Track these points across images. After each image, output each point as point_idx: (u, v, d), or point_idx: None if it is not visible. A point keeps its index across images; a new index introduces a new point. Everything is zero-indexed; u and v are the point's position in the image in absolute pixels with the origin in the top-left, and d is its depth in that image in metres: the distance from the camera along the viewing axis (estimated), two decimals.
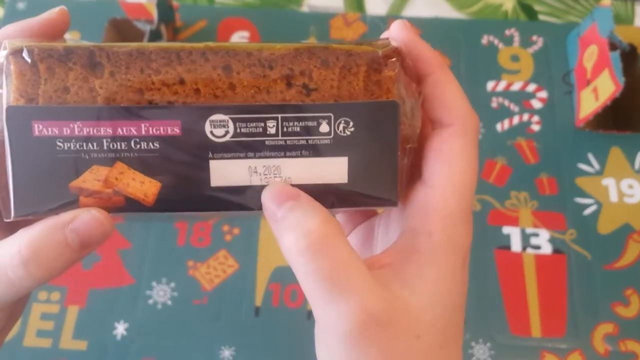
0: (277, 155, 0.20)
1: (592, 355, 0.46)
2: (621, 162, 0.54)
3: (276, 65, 0.20)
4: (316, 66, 0.20)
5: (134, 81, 0.19)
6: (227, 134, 0.20)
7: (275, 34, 0.60)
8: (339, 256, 0.18)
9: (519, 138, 0.55)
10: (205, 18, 0.61)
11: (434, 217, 0.19)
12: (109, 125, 0.19)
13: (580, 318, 0.47)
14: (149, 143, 0.19)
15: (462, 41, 0.60)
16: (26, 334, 0.46)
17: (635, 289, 0.48)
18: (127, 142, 0.19)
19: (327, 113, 0.20)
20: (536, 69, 0.58)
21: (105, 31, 0.59)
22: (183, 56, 0.19)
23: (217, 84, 0.19)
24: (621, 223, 0.51)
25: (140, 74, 0.19)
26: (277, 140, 0.20)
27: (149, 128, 0.19)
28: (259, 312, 0.48)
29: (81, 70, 0.19)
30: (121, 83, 0.19)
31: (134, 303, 0.48)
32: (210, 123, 0.19)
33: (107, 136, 0.19)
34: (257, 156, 0.20)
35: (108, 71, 0.19)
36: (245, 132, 0.20)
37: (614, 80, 0.49)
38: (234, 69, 0.19)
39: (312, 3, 0.65)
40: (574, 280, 0.49)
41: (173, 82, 0.19)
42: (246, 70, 0.19)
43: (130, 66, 0.19)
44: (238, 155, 0.20)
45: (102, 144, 0.19)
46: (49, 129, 0.19)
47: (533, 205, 0.52)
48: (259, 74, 0.20)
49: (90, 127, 0.19)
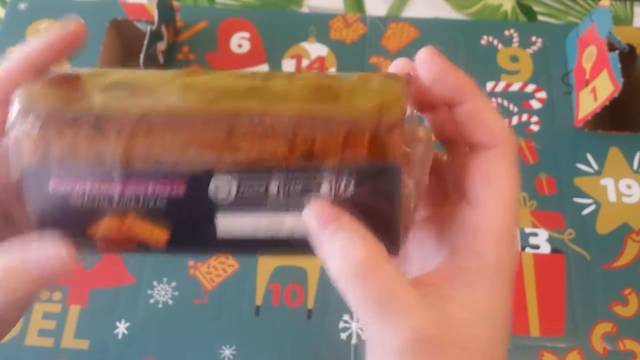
0: (279, 211, 0.20)
1: (591, 355, 0.46)
2: (620, 162, 0.54)
3: (279, 130, 0.20)
4: (319, 133, 0.20)
5: (139, 143, 0.20)
6: (231, 193, 0.20)
7: (275, 34, 0.61)
8: (387, 279, 0.18)
9: (518, 138, 0.55)
10: (206, 19, 0.61)
11: (485, 237, 0.20)
12: (118, 184, 0.20)
13: (578, 317, 0.48)
14: (156, 201, 0.20)
15: (462, 42, 0.60)
16: (28, 333, 0.47)
17: (634, 289, 0.49)
18: (135, 199, 0.20)
19: (328, 175, 0.20)
20: (535, 69, 0.58)
21: (106, 32, 0.59)
22: (187, 122, 0.20)
23: (221, 146, 0.20)
24: (620, 223, 0.51)
25: (145, 137, 0.20)
26: (279, 198, 0.20)
27: (155, 187, 0.20)
28: (259, 312, 0.48)
29: (88, 133, 0.20)
30: (127, 145, 0.20)
31: (135, 302, 0.48)
32: (214, 183, 0.20)
33: (117, 193, 0.20)
34: (261, 213, 0.20)
35: (114, 134, 0.20)
36: (248, 191, 0.20)
37: (613, 80, 0.49)
38: (238, 133, 0.20)
39: (312, 4, 0.65)
40: (573, 280, 0.49)
41: (178, 145, 0.20)
42: (249, 133, 0.20)
43: (135, 130, 0.20)
44: (242, 212, 0.20)
45: (112, 200, 0.20)
46: (63, 185, 0.20)
47: (532, 205, 0.52)
48: (262, 137, 0.20)
49: (100, 184, 0.20)
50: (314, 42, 0.60)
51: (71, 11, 0.62)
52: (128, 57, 0.64)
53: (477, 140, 0.21)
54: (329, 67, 0.59)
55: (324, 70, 0.59)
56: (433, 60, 0.21)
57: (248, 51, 0.60)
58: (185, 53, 0.60)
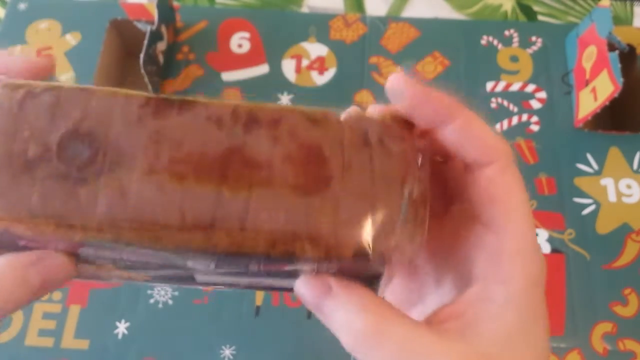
0: (260, 277, 0.19)
1: (591, 354, 0.46)
2: (620, 162, 0.54)
3: (261, 234, 0.17)
4: (303, 242, 0.17)
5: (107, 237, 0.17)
6: (209, 268, 0.18)
7: (275, 34, 0.61)
8: (400, 337, 0.17)
9: (518, 138, 0.55)
10: (206, 19, 0.61)
11: (510, 263, 0.19)
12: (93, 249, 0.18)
13: (578, 317, 0.48)
14: (131, 262, 0.18)
15: (462, 42, 0.60)
16: (28, 333, 0.47)
17: (634, 289, 0.49)
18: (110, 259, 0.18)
19: (310, 262, 0.18)
20: (535, 69, 0.58)
21: (106, 32, 0.59)
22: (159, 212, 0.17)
23: (198, 242, 0.17)
24: (620, 223, 0.51)
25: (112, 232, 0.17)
26: (259, 272, 0.19)
27: (127, 256, 0.18)
28: (259, 312, 0.48)
29: (52, 228, 0.17)
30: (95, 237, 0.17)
31: (135, 302, 0.48)
32: (192, 262, 0.18)
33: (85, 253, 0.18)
34: (241, 277, 0.19)
35: (79, 231, 0.17)
36: (227, 269, 0.18)
37: (613, 80, 0.49)
38: (217, 228, 0.17)
39: (312, 4, 0.65)
40: (573, 280, 0.49)
41: (150, 239, 0.17)
42: (230, 232, 0.17)
43: (103, 227, 0.17)
44: (222, 276, 0.19)
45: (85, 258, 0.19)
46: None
47: (532, 205, 0.52)
48: (243, 237, 0.17)
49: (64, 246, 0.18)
50: (314, 42, 0.60)
51: (71, 11, 0.62)
52: (128, 57, 0.64)
53: (474, 158, 0.19)
54: (329, 67, 0.59)
55: (324, 70, 0.59)
56: (405, 87, 0.19)
57: (248, 51, 0.60)
58: (185, 53, 0.60)
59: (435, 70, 0.58)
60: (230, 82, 0.58)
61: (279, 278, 0.19)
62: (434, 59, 0.59)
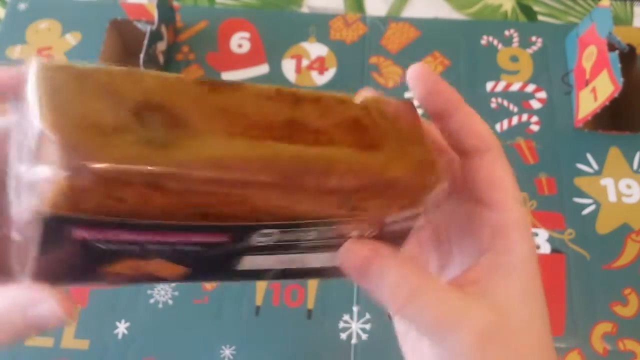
0: (306, 252, 0.21)
1: (591, 355, 0.46)
2: (620, 162, 0.54)
3: (334, 189, 0.19)
4: (367, 196, 0.19)
5: (196, 200, 0.17)
6: (270, 241, 0.19)
7: (275, 34, 0.61)
8: (440, 298, 0.20)
9: (518, 138, 0.55)
10: (206, 19, 0.61)
11: (512, 235, 0.22)
12: (159, 235, 0.18)
13: (578, 317, 0.48)
14: (191, 247, 0.19)
15: (462, 42, 0.60)
16: None
17: (634, 289, 0.49)
18: (170, 246, 0.18)
19: (362, 226, 0.20)
20: (535, 69, 0.58)
21: (106, 32, 0.59)
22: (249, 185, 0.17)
23: (275, 205, 0.18)
24: (620, 223, 0.51)
25: (205, 196, 0.17)
26: (311, 242, 0.20)
27: (200, 238, 0.18)
28: (259, 312, 0.48)
29: (142, 189, 0.16)
30: (181, 200, 0.17)
31: (135, 302, 0.48)
32: (259, 234, 0.19)
33: (152, 241, 0.18)
34: (287, 253, 0.20)
35: (170, 190, 0.17)
36: (286, 238, 0.20)
37: (613, 80, 0.49)
38: (302, 192, 0.18)
39: (312, 4, 0.65)
40: (573, 280, 0.49)
41: (232, 203, 0.18)
42: (312, 193, 0.18)
43: (195, 188, 0.17)
44: (272, 252, 0.20)
45: (143, 247, 0.18)
46: (93, 234, 0.17)
47: (532, 205, 0.52)
48: (317, 195, 0.19)
49: (138, 236, 0.18)
50: (314, 42, 0.60)
51: (71, 11, 0.62)
52: (128, 57, 0.64)
53: (471, 146, 0.23)
54: (329, 67, 0.59)
55: (324, 70, 0.59)
56: (425, 76, 0.22)
57: (248, 51, 0.60)
58: (185, 53, 0.60)
59: (435, 70, 0.58)
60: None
61: (324, 249, 0.20)
62: (434, 59, 0.59)
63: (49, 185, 0.15)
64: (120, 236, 0.17)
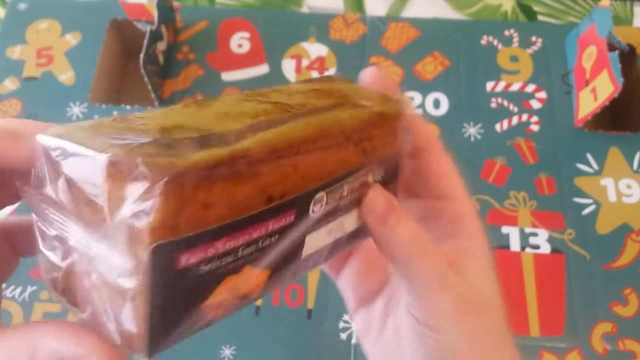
0: (344, 213, 0.22)
1: (591, 355, 0.46)
2: (620, 162, 0.54)
3: (353, 135, 0.21)
4: (373, 131, 0.22)
5: (264, 180, 0.18)
6: (322, 208, 0.20)
7: (275, 34, 0.61)
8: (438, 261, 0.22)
9: (518, 138, 0.55)
10: (206, 19, 0.61)
11: (469, 223, 0.24)
12: (246, 233, 0.18)
13: (578, 317, 0.48)
14: (271, 238, 0.19)
15: (462, 42, 0.60)
16: None
17: (634, 289, 0.49)
18: (255, 245, 0.18)
19: (374, 167, 0.22)
20: (535, 69, 0.58)
21: (106, 32, 0.59)
22: (295, 148, 0.19)
23: (316, 164, 0.19)
24: (620, 223, 0.51)
25: (267, 175, 0.18)
26: (345, 199, 0.21)
27: (274, 224, 0.19)
28: (259, 312, 0.48)
29: (222, 185, 0.16)
30: (251, 187, 0.17)
31: None
32: (314, 202, 0.20)
33: (242, 244, 0.18)
34: (334, 219, 0.21)
35: (242, 177, 0.17)
36: (332, 202, 0.21)
37: (613, 80, 0.49)
38: (330, 147, 0.20)
39: (312, 4, 0.65)
40: (573, 280, 0.49)
41: (287, 173, 0.18)
42: (336, 146, 0.20)
43: (263, 168, 0.18)
44: (324, 224, 0.21)
45: (237, 254, 0.18)
46: (196, 256, 0.16)
47: (532, 205, 0.52)
48: (344, 146, 0.21)
49: (230, 241, 0.17)
50: (314, 42, 0.60)
51: (71, 11, 0.62)
52: (128, 57, 0.64)
53: (419, 146, 0.24)
54: (329, 67, 0.59)
55: (324, 70, 0.59)
56: (376, 76, 0.24)
57: (248, 51, 0.60)
58: (185, 53, 0.60)
59: (435, 70, 0.58)
60: (230, 82, 0.58)
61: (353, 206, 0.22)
62: (434, 59, 0.59)
63: (145, 216, 0.15)
64: (218, 246, 0.17)
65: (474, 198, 0.52)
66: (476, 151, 0.54)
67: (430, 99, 0.57)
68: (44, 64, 0.59)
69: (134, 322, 0.16)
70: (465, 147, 0.54)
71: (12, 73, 0.59)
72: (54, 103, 0.57)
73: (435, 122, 0.56)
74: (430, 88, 0.58)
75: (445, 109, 0.56)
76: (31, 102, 0.57)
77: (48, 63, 0.59)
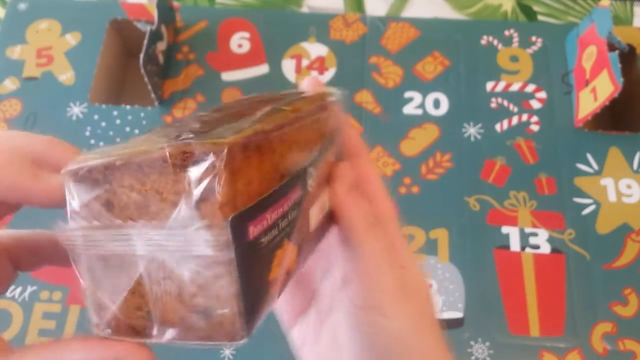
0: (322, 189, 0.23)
1: (591, 355, 0.46)
2: (620, 162, 0.54)
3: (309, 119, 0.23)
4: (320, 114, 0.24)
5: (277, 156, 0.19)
6: (313, 183, 0.22)
7: (275, 34, 0.61)
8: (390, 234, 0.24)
9: (518, 138, 0.55)
10: (206, 19, 0.61)
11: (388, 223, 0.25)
12: (279, 205, 0.19)
13: (578, 317, 0.48)
14: (293, 211, 0.20)
15: (462, 42, 0.60)
16: (28, 333, 0.47)
17: (634, 289, 0.49)
18: (287, 218, 0.19)
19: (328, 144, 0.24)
20: (535, 69, 0.58)
21: (106, 32, 0.59)
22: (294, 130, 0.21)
23: (301, 143, 0.21)
24: (620, 223, 0.51)
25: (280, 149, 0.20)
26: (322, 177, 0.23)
27: (292, 197, 0.20)
28: None
29: (255, 159, 0.18)
30: (271, 162, 0.19)
31: None
32: (308, 177, 0.21)
33: (279, 217, 0.19)
34: (319, 195, 0.23)
35: (266, 151, 0.19)
36: (317, 177, 0.22)
37: (613, 80, 0.49)
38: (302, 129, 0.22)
39: (312, 4, 0.65)
40: (573, 280, 0.49)
41: (287, 150, 0.20)
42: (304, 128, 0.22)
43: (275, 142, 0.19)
44: (316, 200, 0.22)
45: (278, 226, 0.19)
46: (257, 227, 0.17)
47: (532, 205, 0.52)
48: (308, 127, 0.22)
49: (273, 212, 0.18)
50: (314, 42, 0.60)
51: (71, 11, 0.62)
52: (128, 57, 0.64)
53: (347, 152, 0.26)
54: (329, 67, 0.59)
55: (324, 70, 0.59)
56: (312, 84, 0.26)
57: (248, 51, 0.60)
58: (185, 53, 0.60)
59: (435, 70, 0.58)
60: (230, 82, 0.58)
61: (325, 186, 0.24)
62: (434, 59, 0.59)
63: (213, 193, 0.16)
64: (268, 217, 0.18)
65: (474, 198, 0.52)
66: (476, 151, 0.54)
67: (430, 99, 0.57)
68: (44, 64, 0.59)
69: (227, 301, 0.17)
70: (465, 147, 0.54)
71: (12, 73, 0.59)
72: (54, 103, 0.57)
73: (435, 122, 0.56)
74: (430, 88, 0.58)
75: (445, 109, 0.56)
76: (31, 102, 0.57)
77: (48, 63, 0.59)
